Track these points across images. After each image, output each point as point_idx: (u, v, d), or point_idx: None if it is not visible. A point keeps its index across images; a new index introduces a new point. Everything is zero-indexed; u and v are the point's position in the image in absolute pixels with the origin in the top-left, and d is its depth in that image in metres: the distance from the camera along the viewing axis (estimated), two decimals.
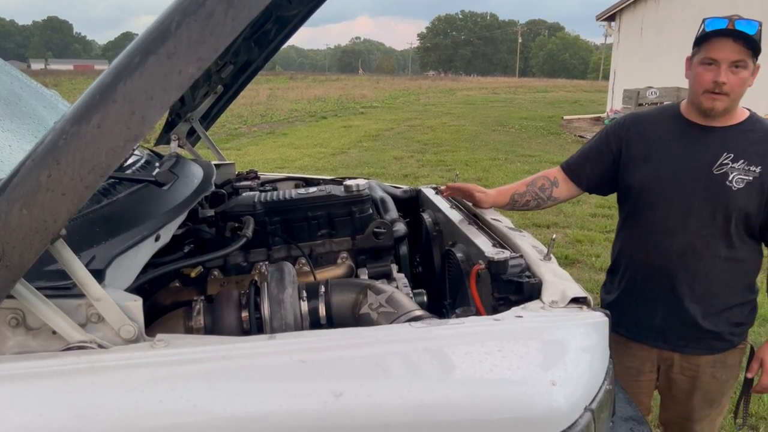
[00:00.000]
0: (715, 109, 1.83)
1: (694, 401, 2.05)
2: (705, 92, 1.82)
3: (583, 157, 2.14)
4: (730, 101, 1.82)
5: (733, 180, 1.84)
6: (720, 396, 2.05)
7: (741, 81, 1.79)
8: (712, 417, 2.10)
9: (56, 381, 1.03)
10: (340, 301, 1.57)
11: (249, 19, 0.94)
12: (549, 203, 2.17)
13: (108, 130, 0.93)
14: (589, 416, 1.15)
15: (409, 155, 11.58)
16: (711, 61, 1.79)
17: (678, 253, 1.92)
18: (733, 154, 1.85)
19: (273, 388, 1.05)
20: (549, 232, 6.18)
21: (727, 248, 1.89)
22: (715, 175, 1.86)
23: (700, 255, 1.90)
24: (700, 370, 2.00)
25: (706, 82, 1.81)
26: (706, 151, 1.88)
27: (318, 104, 24.62)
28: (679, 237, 1.91)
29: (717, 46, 1.77)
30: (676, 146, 1.93)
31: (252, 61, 2.49)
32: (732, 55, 1.75)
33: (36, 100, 2.16)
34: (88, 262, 1.19)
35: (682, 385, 2.05)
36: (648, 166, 1.96)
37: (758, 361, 1.97)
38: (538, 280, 1.46)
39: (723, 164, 1.86)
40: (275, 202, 2.10)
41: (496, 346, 1.16)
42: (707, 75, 1.80)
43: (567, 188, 2.15)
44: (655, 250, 1.96)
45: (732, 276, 1.93)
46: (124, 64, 0.94)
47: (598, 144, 2.11)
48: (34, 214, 0.95)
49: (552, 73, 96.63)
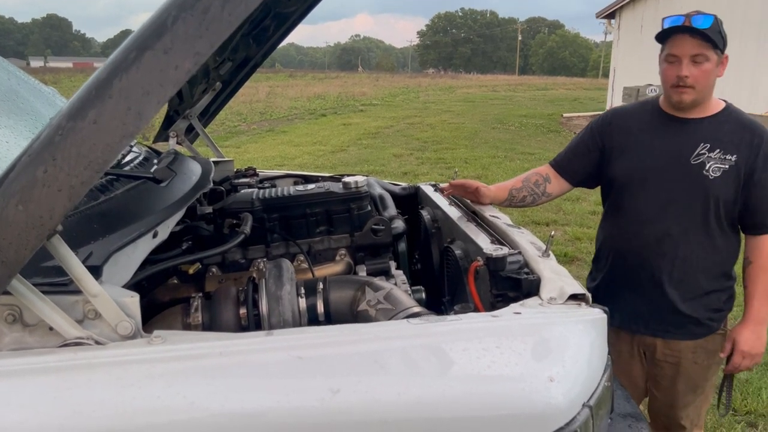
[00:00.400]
0: (683, 101, 1.91)
1: (678, 387, 2.10)
2: (671, 87, 1.91)
3: (571, 153, 2.21)
4: (696, 93, 1.89)
5: (709, 169, 1.91)
6: (703, 381, 2.11)
7: (704, 73, 1.86)
8: (697, 404, 2.14)
9: (53, 377, 1.03)
10: (339, 298, 1.57)
11: (246, 14, 0.94)
12: (543, 199, 2.21)
13: (104, 126, 0.93)
14: (588, 413, 1.15)
15: (408, 153, 11.57)
16: (673, 58, 1.88)
17: (656, 240, 1.99)
18: (710, 144, 1.92)
19: (270, 385, 1.05)
20: (548, 230, 6.17)
21: (704, 236, 1.96)
22: (693, 165, 1.93)
23: (677, 242, 1.97)
24: (682, 355, 2.06)
25: (671, 78, 1.90)
26: (684, 141, 1.96)
27: (317, 102, 24.59)
28: (658, 225, 1.98)
29: (676, 42, 1.87)
30: (654, 138, 2.01)
31: (250, 58, 2.49)
32: (691, 49, 1.84)
33: (34, 97, 2.15)
34: (85, 258, 1.19)
35: (666, 371, 2.10)
36: (628, 157, 2.04)
37: (731, 341, 2.02)
38: (536, 276, 1.46)
39: (700, 154, 1.93)
40: (274, 199, 2.10)
41: (494, 342, 1.15)
42: (671, 70, 1.90)
43: (558, 184, 2.21)
44: (635, 238, 2.03)
45: (710, 263, 1.99)
46: (120, 60, 0.93)
47: (584, 139, 2.18)
48: (30, 210, 0.94)
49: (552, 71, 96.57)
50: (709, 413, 3.03)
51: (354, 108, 22.56)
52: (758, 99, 12.58)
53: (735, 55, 8.65)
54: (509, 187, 2.17)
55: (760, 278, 1.96)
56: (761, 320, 1.98)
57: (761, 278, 1.96)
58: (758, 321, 1.98)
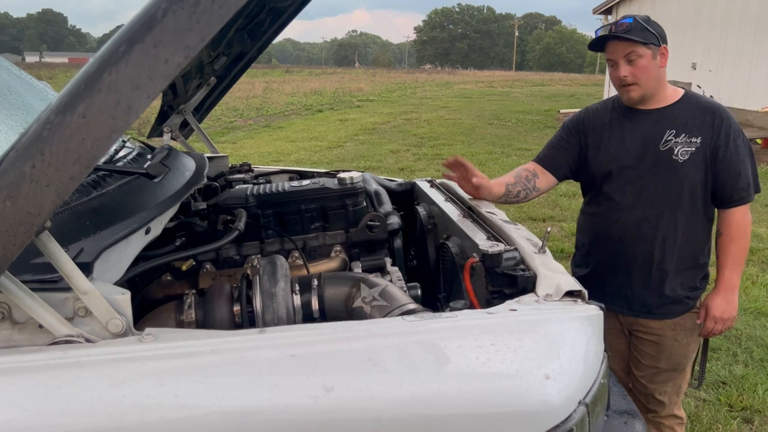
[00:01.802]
0: (631, 99, 2.07)
1: (660, 365, 2.20)
2: (619, 87, 2.08)
3: (552, 149, 2.32)
4: (642, 89, 2.03)
5: (678, 153, 2.04)
6: (683, 359, 2.21)
7: (641, 69, 1.99)
8: (676, 381, 2.24)
9: (42, 375, 1.01)
10: (333, 295, 1.56)
11: (237, 7, 0.92)
12: (534, 194, 2.28)
13: (93, 120, 0.91)
14: (584, 410, 1.15)
15: (405, 149, 11.55)
16: (611, 62, 2.06)
17: (635, 225, 2.11)
18: (675, 130, 2.05)
19: (263, 383, 1.04)
20: (544, 226, 6.17)
21: (680, 217, 2.08)
22: (662, 152, 2.06)
23: (654, 225, 2.09)
24: (663, 333, 2.17)
25: (615, 80, 2.07)
26: (651, 130, 2.08)
27: (314, 97, 24.53)
28: (636, 211, 2.11)
29: (609, 48, 2.04)
30: (624, 131, 2.13)
31: (245, 53, 2.47)
32: (621, 51, 1.99)
33: (26, 92, 2.13)
34: (75, 254, 1.17)
35: (648, 350, 2.21)
36: (602, 153, 2.17)
37: (704, 309, 2.14)
38: (532, 273, 1.45)
39: (667, 140, 2.06)
40: (268, 194, 2.08)
41: (489, 339, 1.15)
42: (613, 73, 2.06)
43: (545, 179, 2.29)
44: (615, 225, 2.15)
45: (685, 243, 2.11)
46: (110, 53, 0.92)
47: (564, 136, 2.30)
48: (18, 206, 0.93)
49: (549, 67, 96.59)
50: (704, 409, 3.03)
51: (351, 104, 22.52)
52: (755, 95, 12.61)
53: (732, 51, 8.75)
54: (505, 182, 2.20)
55: (730, 248, 2.10)
56: (732, 287, 2.11)
57: (731, 248, 2.10)
58: (729, 288, 2.10)
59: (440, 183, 2.44)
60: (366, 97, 25.26)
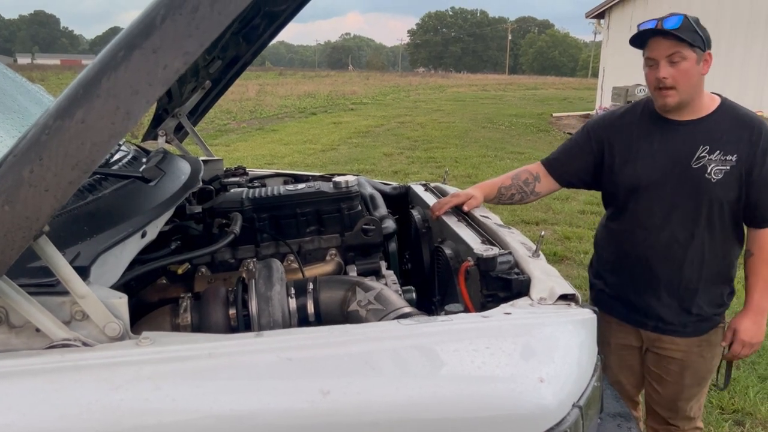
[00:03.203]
0: (667, 104, 1.90)
1: (685, 381, 2.12)
2: (654, 90, 1.91)
3: (564, 155, 2.21)
4: (679, 94, 1.88)
5: (711, 172, 1.90)
6: (707, 374, 2.14)
7: (683, 72, 1.85)
8: (701, 395, 2.18)
9: (40, 379, 1.02)
10: (329, 298, 1.57)
11: (236, 13, 0.93)
12: (532, 197, 2.22)
13: (92, 126, 0.92)
14: (577, 413, 1.16)
15: (399, 152, 11.56)
16: (651, 61, 1.89)
17: (664, 245, 1.99)
18: (709, 146, 1.91)
19: (260, 387, 1.05)
20: (538, 229, 6.20)
21: (710, 237, 1.97)
22: (694, 169, 1.92)
23: (684, 246, 1.98)
24: (689, 350, 2.08)
25: (652, 81, 1.90)
26: (683, 145, 1.94)
27: (308, 100, 24.52)
28: (664, 231, 1.98)
29: (651, 45, 1.88)
30: (654, 144, 1.99)
31: (240, 57, 2.47)
32: (665, 50, 1.83)
33: (20, 94, 2.13)
34: (72, 258, 1.17)
35: (672, 368, 2.12)
36: (630, 165, 2.02)
37: (731, 331, 2.06)
38: (526, 277, 1.46)
39: (700, 157, 1.91)
40: (263, 198, 2.09)
41: (484, 343, 1.15)
42: (651, 74, 1.90)
43: (547, 183, 2.20)
44: (642, 244, 2.03)
45: (716, 262, 2.01)
46: (109, 59, 0.92)
47: (579, 142, 2.16)
48: (17, 211, 0.93)
49: (542, 71, 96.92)
50: None
51: (344, 107, 22.53)
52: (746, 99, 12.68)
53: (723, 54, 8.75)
54: (498, 185, 2.18)
55: (761, 270, 1.99)
56: (761, 310, 2.01)
57: (762, 270, 1.99)
58: (758, 311, 2.00)
59: (435, 187, 2.45)
60: (359, 100, 25.27)
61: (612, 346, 2.20)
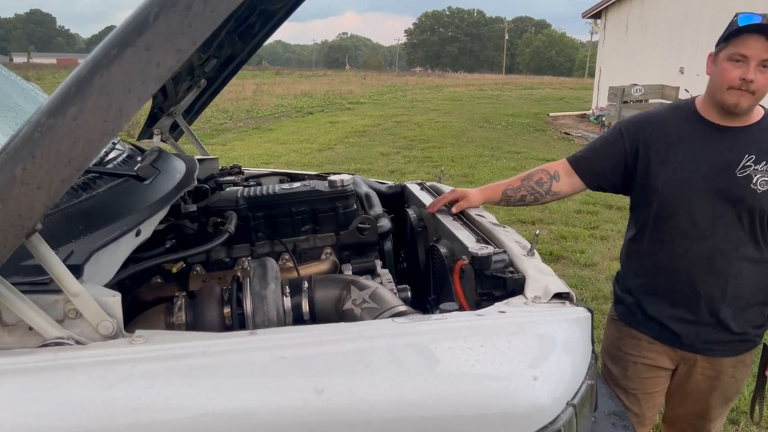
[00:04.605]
0: (740, 105, 1.76)
1: (712, 400, 2.04)
2: (730, 88, 1.76)
3: (593, 152, 2.06)
4: (754, 100, 1.77)
5: (757, 182, 1.80)
6: (736, 394, 2.06)
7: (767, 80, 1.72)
8: (724, 414, 2.12)
9: (32, 378, 1.01)
10: (324, 297, 1.57)
11: (229, 11, 0.93)
12: (548, 197, 2.09)
13: (84, 123, 0.92)
14: (571, 411, 1.16)
15: (395, 151, 11.57)
16: (740, 58, 1.72)
17: (707, 257, 1.87)
18: (755, 156, 1.82)
19: (253, 385, 1.05)
20: (534, 228, 6.20)
21: (754, 250, 1.87)
22: (739, 178, 1.82)
23: (729, 259, 1.86)
24: (722, 370, 1.99)
25: (733, 79, 1.74)
26: (727, 152, 1.84)
27: (304, 100, 24.50)
28: (708, 241, 1.87)
29: (748, 42, 1.69)
30: (696, 148, 1.87)
31: (236, 55, 2.47)
32: (763, 53, 1.69)
33: (15, 93, 2.12)
34: (66, 257, 1.17)
35: (701, 385, 2.03)
36: (668, 169, 1.89)
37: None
38: (521, 275, 1.46)
39: (746, 166, 1.82)
40: (259, 197, 2.08)
41: (478, 341, 1.16)
42: (735, 71, 1.73)
43: (570, 182, 2.07)
44: (683, 256, 1.90)
45: (759, 278, 1.90)
46: (101, 56, 0.92)
47: (611, 140, 2.02)
48: (9, 208, 0.93)
49: (538, 70, 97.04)
50: None
51: (341, 106, 22.52)
52: None
53: None
54: (504, 188, 2.09)
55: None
56: None
57: None
58: None
59: (430, 186, 2.45)
60: (356, 100, 25.26)
61: (638, 366, 2.06)
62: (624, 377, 2.08)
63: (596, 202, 7.25)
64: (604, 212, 7.03)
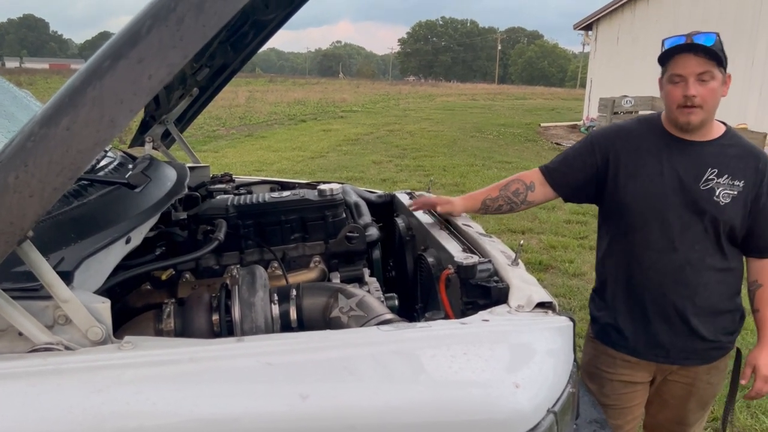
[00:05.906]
0: (691, 122, 1.84)
1: (690, 406, 2.09)
2: (678, 107, 1.84)
3: (566, 165, 2.10)
4: (704, 113, 1.83)
5: (720, 195, 1.87)
6: (712, 399, 2.13)
7: (711, 92, 1.81)
8: (703, 419, 2.18)
9: (22, 383, 1.02)
10: (311, 305, 1.58)
11: (219, 25, 0.96)
12: (522, 207, 2.14)
13: (77, 133, 0.94)
14: (552, 418, 1.18)
15: (387, 160, 11.61)
16: (678, 78, 1.82)
17: (676, 269, 1.93)
18: (717, 170, 1.88)
19: (240, 391, 1.06)
20: (523, 238, 6.25)
21: (720, 260, 1.93)
22: (702, 191, 1.88)
23: (697, 269, 1.92)
24: (697, 377, 2.04)
25: (677, 97, 1.83)
26: (692, 166, 1.90)
27: (297, 107, 24.54)
28: (676, 253, 1.92)
29: (679, 62, 1.81)
30: (663, 161, 1.93)
31: (228, 65, 2.49)
32: (696, 68, 1.78)
33: (7, 100, 2.13)
34: (56, 263, 1.19)
35: (677, 392, 2.08)
36: (637, 182, 1.95)
37: (750, 367, 1.99)
38: (505, 284, 1.49)
39: (708, 180, 1.88)
40: (248, 205, 2.10)
41: (461, 349, 1.18)
42: (677, 91, 1.82)
43: (543, 192, 2.11)
44: (652, 268, 1.95)
45: (726, 286, 1.97)
46: (95, 68, 0.94)
47: (582, 152, 2.07)
48: (1, 216, 0.95)
49: (530, 81, 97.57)
50: None
51: (334, 114, 22.57)
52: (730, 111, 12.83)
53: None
54: (483, 197, 2.13)
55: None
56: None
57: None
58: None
59: (419, 195, 2.48)
60: (349, 108, 25.33)
61: (614, 384, 2.10)
62: (601, 394, 2.12)
63: (585, 212, 7.30)
64: (593, 222, 7.07)
